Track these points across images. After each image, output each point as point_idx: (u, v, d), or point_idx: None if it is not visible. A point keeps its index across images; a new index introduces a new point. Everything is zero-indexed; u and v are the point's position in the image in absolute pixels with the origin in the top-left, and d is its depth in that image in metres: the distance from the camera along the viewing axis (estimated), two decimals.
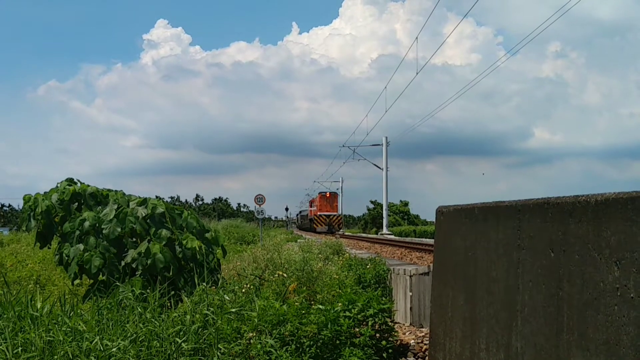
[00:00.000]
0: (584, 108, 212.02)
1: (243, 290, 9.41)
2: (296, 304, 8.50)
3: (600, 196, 3.57)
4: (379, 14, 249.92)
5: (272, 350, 7.53)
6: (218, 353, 7.43)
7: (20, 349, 7.00)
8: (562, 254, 3.93)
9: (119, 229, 10.94)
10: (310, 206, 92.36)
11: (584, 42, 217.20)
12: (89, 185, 12.02)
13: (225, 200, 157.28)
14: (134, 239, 11.33)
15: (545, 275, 4.13)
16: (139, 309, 8.14)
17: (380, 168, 55.43)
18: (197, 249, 10.98)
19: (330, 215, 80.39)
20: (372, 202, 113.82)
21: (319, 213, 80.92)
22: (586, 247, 3.64)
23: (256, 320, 7.87)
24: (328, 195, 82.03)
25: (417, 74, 29.81)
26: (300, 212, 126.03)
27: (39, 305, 8.78)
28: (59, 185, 12.10)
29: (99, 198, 11.80)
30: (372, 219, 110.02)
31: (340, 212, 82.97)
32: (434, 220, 7.08)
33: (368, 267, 13.25)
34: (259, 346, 7.48)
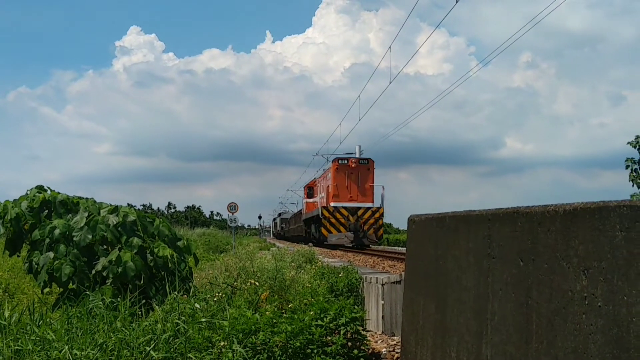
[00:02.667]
0: (554, 118, 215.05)
1: (215, 299, 9.36)
2: (267, 312, 8.48)
3: (569, 206, 3.61)
4: (352, 23, 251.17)
5: (242, 359, 7.49)
6: None
7: None
8: (531, 263, 3.97)
9: (90, 237, 10.84)
10: (307, 195, 49.51)
11: (554, 52, 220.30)
12: (59, 193, 11.91)
13: (198, 208, 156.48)
14: (105, 247, 11.23)
15: (515, 284, 4.17)
16: (109, 318, 8.07)
17: None
18: (169, 257, 10.91)
19: (358, 208, 38.41)
20: None
21: (333, 204, 38.59)
22: (555, 256, 3.68)
23: (227, 329, 7.84)
24: (353, 165, 39.03)
25: (390, 83, 29.51)
26: (280, 215, 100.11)
27: (7, 314, 8.68)
28: (28, 192, 11.98)
29: (70, 206, 11.70)
30: None
31: (379, 203, 39.30)
32: (406, 228, 7.11)
33: (340, 275, 13.25)
34: (230, 355, 7.44)
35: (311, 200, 47.67)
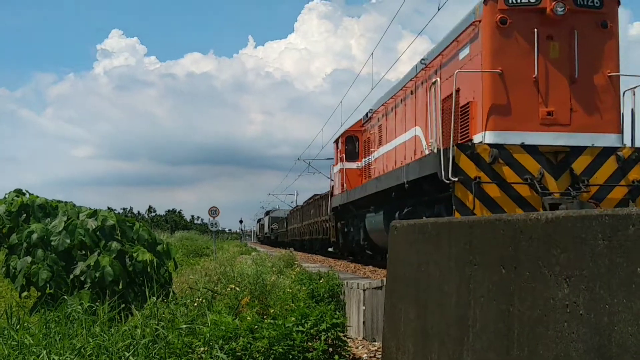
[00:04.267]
0: None
1: (195, 304, 9.30)
2: (248, 318, 8.44)
3: (551, 214, 3.62)
4: (334, 29, 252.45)
5: None
6: None
7: None
8: (513, 270, 3.97)
9: (68, 241, 10.73)
10: (346, 156, 22.52)
11: None
12: (37, 197, 11.80)
13: (179, 212, 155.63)
14: (84, 252, 11.13)
15: (496, 291, 4.17)
16: (88, 323, 7.99)
17: None
18: (148, 262, 10.83)
19: (577, 150, 10.29)
20: None
21: (491, 136, 10.35)
22: (537, 264, 3.69)
23: (208, 334, 7.78)
24: (555, 15, 10.32)
25: (372, 89, 29.65)
26: (268, 213, 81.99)
27: None
28: (6, 196, 11.86)
29: (48, 209, 11.58)
30: None
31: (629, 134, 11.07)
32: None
33: (321, 281, 13.22)
34: None
35: (354, 165, 22.35)
